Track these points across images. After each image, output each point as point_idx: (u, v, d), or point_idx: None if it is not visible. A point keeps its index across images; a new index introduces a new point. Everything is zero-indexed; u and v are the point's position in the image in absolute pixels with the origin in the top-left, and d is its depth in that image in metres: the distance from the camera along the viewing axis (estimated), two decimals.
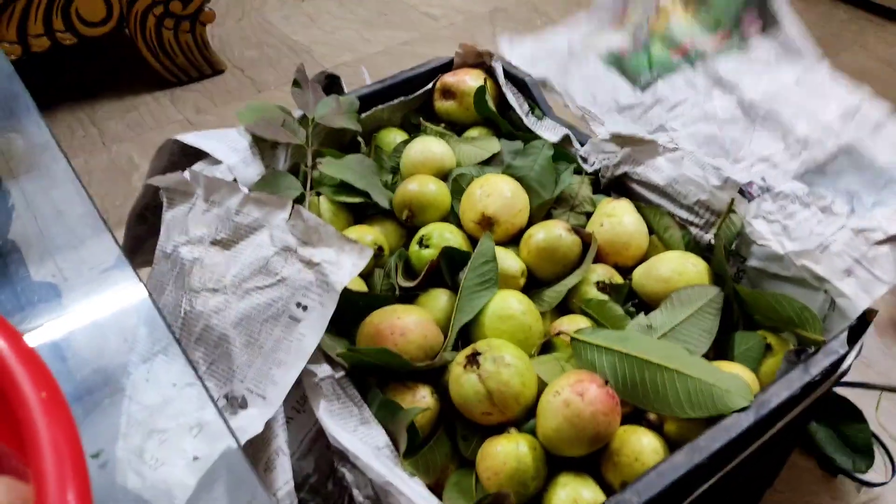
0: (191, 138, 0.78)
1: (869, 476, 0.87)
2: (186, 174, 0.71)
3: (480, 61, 0.96)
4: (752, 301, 0.66)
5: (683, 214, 0.78)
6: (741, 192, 0.76)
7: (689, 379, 0.58)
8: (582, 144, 0.87)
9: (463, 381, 0.60)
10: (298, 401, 0.64)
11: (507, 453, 0.57)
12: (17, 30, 1.28)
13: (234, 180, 0.77)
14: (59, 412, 0.26)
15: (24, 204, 0.65)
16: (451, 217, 0.80)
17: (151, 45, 1.43)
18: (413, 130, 0.93)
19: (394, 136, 0.90)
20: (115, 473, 0.47)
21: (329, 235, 0.66)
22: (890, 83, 1.54)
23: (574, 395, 0.57)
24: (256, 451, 0.60)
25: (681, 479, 0.52)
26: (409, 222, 0.78)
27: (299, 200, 0.77)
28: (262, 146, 0.81)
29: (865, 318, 0.65)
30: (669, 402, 0.58)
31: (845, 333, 0.62)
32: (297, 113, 0.85)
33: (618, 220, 0.75)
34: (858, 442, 0.88)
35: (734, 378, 0.58)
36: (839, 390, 0.88)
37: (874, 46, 1.65)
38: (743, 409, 0.56)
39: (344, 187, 0.79)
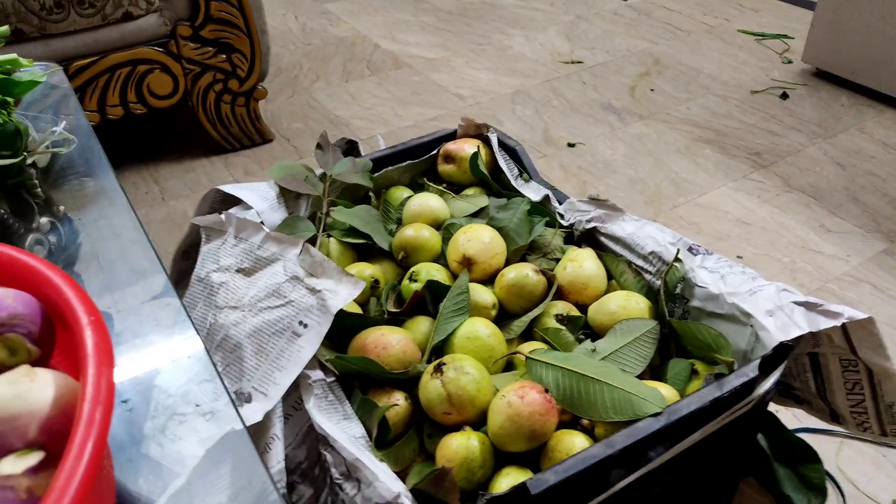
0: (229, 188, 0.95)
1: None
2: (222, 216, 0.87)
3: (479, 132, 1.11)
4: (681, 330, 0.77)
5: (640, 263, 0.90)
6: (690, 249, 0.88)
7: (615, 389, 0.69)
8: (560, 203, 1.01)
9: (429, 386, 0.73)
10: (297, 401, 0.77)
11: (459, 444, 0.69)
12: (98, 101, 1.51)
13: (261, 223, 0.93)
14: (101, 330, 0.40)
15: (90, 241, 0.80)
16: (441, 259, 0.93)
17: (210, 116, 1.65)
18: (419, 189, 1.08)
19: (401, 193, 1.05)
20: (139, 420, 0.60)
21: (331, 269, 0.81)
22: (883, 161, 1.64)
23: (516, 398, 0.68)
24: (256, 436, 0.73)
25: (595, 465, 0.63)
26: (404, 262, 0.92)
27: (313, 240, 0.92)
28: (287, 196, 0.98)
29: (784, 353, 0.75)
30: (598, 409, 0.69)
31: (757, 360, 0.72)
32: (319, 171, 1.01)
33: (579, 264, 0.87)
34: (814, 481, 0.95)
35: (652, 390, 0.69)
36: (803, 436, 0.96)
37: (872, 129, 1.76)
38: (656, 415, 0.67)
39: (351, 231, 0.94)
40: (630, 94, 1.93)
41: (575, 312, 0.84)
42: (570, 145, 1.72)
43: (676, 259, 0.85)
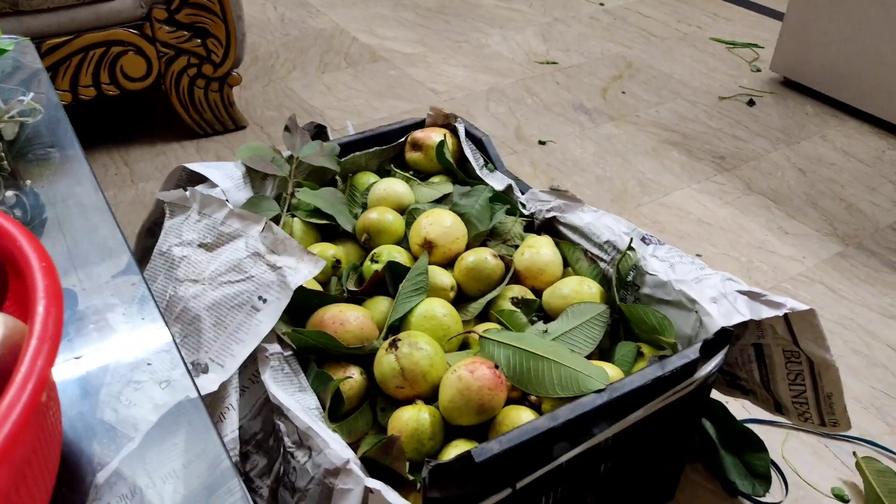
0: (195, 166, 0.96)
1: (766, 499, 0.97)
2: (187, 192, 0.88)
3: (447, 122, 1.13)
4: (629, 314, 0.80)
5: (595, 251, 0.93)
6: (643, 239, 0.91)
7: (562, 367, 0.72)
8: (523, 193, 1.03)
9: (383, 361, 0.75)
10: (254, 374, 0.79)
11: (410, 417, 0.71)
12: (70, 81, 1.50)
13: (226, 201, 0.95)
14: (52, 275, 0.41)
15: (55, 216, 0.81)
16: (403, 243, 0.95)
17: (184, 100, 1.65)
18: (385, 175, 1.09)
19: (368, 178, 1.07)
20: (94, 385, 0.61)
21: (292, 247, 0.83)
22: (843, 169, 1.68)
23: (466, 372, 0.71)
24: (212, 406, 0.75)
25: (539, 437, 0.65)
26: (366, 244, 0.94)
27: (276, 220, 0.93)
28: (254, 177, 0.99)
29: (725, 338, 0.78)
30: (545, 385, 0.72)
31: (699, 344, 0.75)
32: (287, 153, 1.02)
33: (537, 250, 0.90)
34: (759, 469, 0.98)
35: (598, 369, 0.71)
36: (751, 426, 1.00)
37: (834, 138, 1.81)
38: (600, 392, 0.69)
39: (316, 213, 0.96)
40: (602, 96, 1.97)
41: (530, 296, 0.87)
42: (541, 143, 1.75)
43: (630, 248, 0.88)
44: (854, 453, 1.01)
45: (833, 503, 0.97)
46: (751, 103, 1.95)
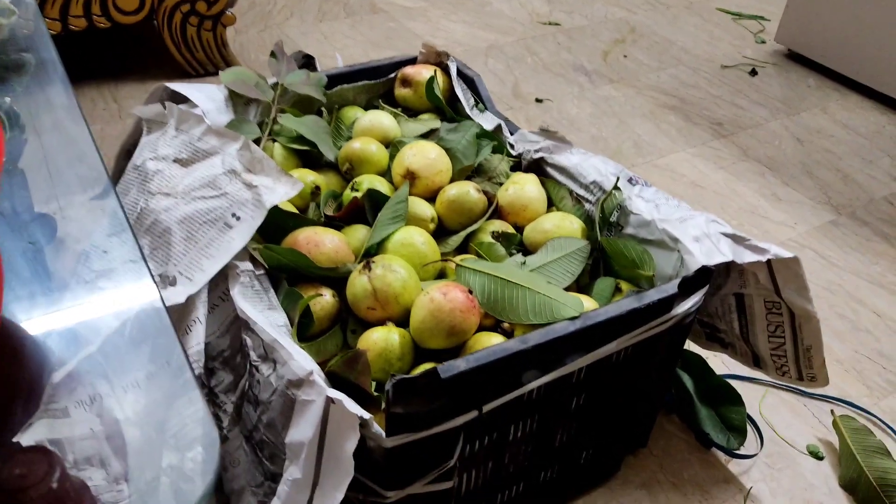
0: (177, 85, 0.94)
1: (740, 452, 0.96)
2: (164, 108, 0.86)
3: (439, 60, 1.11)
4: (609, 248, 0.78)
5: (581, 192, 0.91)
6: (630, 180, 0.89)
7: (536, 294, 0.70)
8: (512, 134, 1.01)
9: (356, 282, 0.73)
10: (224, 292, 0.77)
11: (379, 337, 0.70)
12: (60, 10, 1.47)
13: (204, 117, 0.92)
14: None
15: (37, 139, 0.79)
16: (386, 176, 0.93)
17: (176, 38, 1.62)
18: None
19: (355, 113, 1.04)
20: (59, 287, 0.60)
21: (270, 167, 0.81)
22: (841, 141, 1.66)
23: (439, 294, 0.69)
24: (179, 318, 0.73)
25: (507, 359, 0.63)
26: (348, 174, 0.92)
27: (256, 143, 0.91)
28: (237, 101, 0.96)
29: (705, 277, 0.77)
30: (518, 312, 0.70)
31: (678, 280, 0.73)
32: (273, 81, 1.00)
33: (521, 187, 0.88)
34: (734, 423, 0.97)
35: (573, 297, 0.70)
36: (730, 382, 0.98)
37: (834, 111, 1.78)
38: (573, 320, 0.68)
39: (298, 140, 0.93)
40: (603, 59, 1.93)
41: (511, 230, 0.85)
42: (538, 101, 1.72)
43: (615, 187, 0.86)
44: (832, 412, 1.01)
45: (807, 459, 0.96)
46: (753, 73, 1.92)
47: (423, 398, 0.61)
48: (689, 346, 1.02)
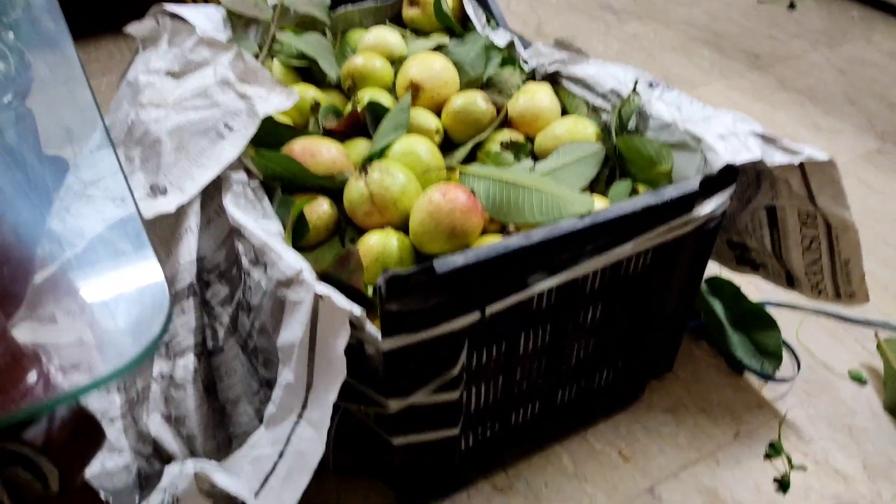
0: (173, 6, 0.90)
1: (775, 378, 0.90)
2: (157, 22, 0.83)
3: None
4: (625, 147, 0.73)
5: (598, 102, 0.85)
6: (650, 84, 0.83)
7: (543, 194, 0.65)
8: (525, 49, 0.96)
9: (352, 187, 0.69)
10: (220, 206, 0.74)
11: (377, 241, 0.66)
12: None
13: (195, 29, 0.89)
14: None
15: (39, 79, 0.77)
16: (392, 93, 0.89)
17: None
18: None
19: (360, 36, 1.00)
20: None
21: (264, 77, 0.77)
22: (888, 70, 1.56)
23: (438, 194, 0.65)
24: (172, 228, 0.71)
25: (510, 255, 0.59)
26: (351, 92, 0.88)
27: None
28: (236, 23, 0.93)
29: (731, 176, 0.71)
30: (524, 213, 0.66)
31: (699, 176, 0.67)
32: (273, 1, 0.96)
33: (532, 96, 0.83)
34: (769, 348, 0.91)
35: (583, 196, 0.65)
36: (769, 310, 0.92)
37: (880, 42, 1.68)
38: (582, 217, 0.63)
39: (299, 58, 0.89)
40: None
41: (521, 139, 0.80)
42: (559, 42, 1.65)
43: (634, 91, 0.80)
44: (876, 335, 0.94)
45: (848, 385, 0.89)
46: (791, 6, 1.82)
47: (419, 295, 0.57)
48: (720, 271, 0.96)
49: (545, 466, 0.79)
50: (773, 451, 0.82)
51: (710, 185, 0.68)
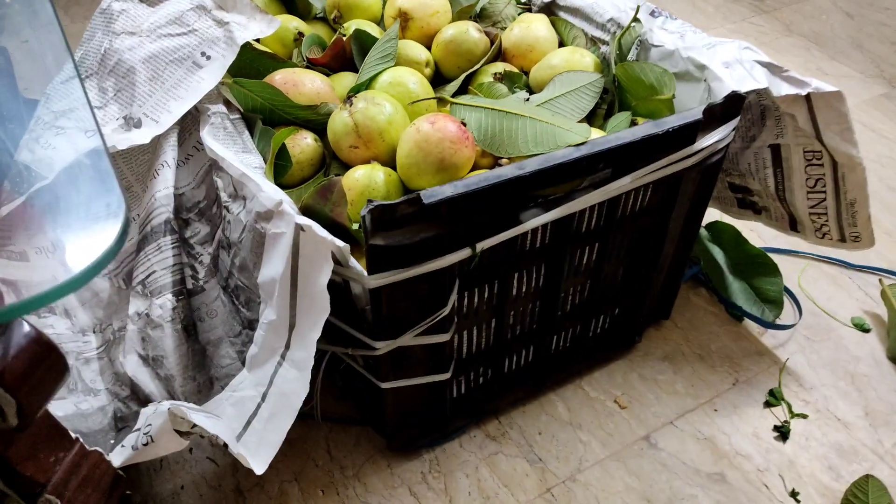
0: None
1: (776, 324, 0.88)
2: None
3: None
4: (624, 75, 0.69)
5: (597, 33, 0.81)
6: (652, 13, 0.79)
7: (538, 123, 0.62)
8: None
9: (336, 119, 0.65)
10: (198, 142, 0.70)
11: (363, 174, 0.62)
12: None
13: None
14: None
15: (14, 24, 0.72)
16: (381, 25, 0.84)
17: None
18: None
19: None
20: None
21: (243, 4, 0.73)
22: None
23: (426, 124, 0.61)
24: (149, 163, 0.67)
25: (501, 186, 0.55)
26: (336, 22, 0.83)
27: None
28: None
29: (736, 106, 0.67)
30: (518, 145, 0.62)
31: (703, 106, 0.64)
32: None
33: (527, 26, 0.78)
34: (769, 294, 0.89)
35: (579, 125, 0.61)
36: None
37: None
38: (578, 146, 0.59)
39: None
40: None
41: (515, 70, 0.76)
42: None
43: (635, 19, 0.76)
44: (880, 281, 0.91)
45: (851, 332, 0.87)
46: None
47: (406, 228, 0.54)
48: (720, 217, 0.93)
49: (539, 415, 0.77)
50: (773, 398, 0.80)
51: (714, 114, 0.65)
